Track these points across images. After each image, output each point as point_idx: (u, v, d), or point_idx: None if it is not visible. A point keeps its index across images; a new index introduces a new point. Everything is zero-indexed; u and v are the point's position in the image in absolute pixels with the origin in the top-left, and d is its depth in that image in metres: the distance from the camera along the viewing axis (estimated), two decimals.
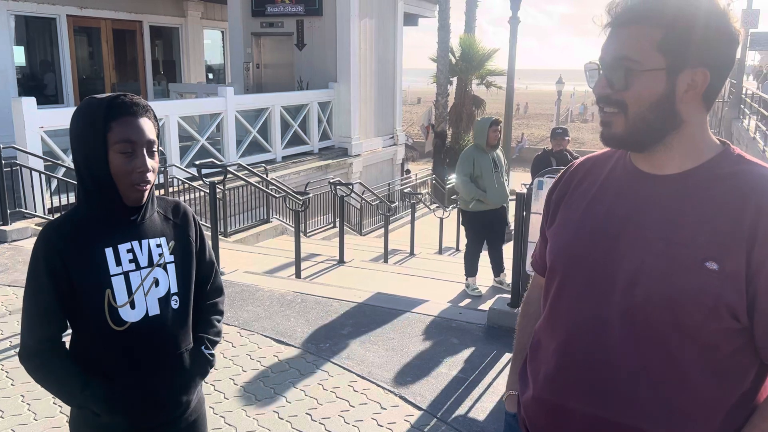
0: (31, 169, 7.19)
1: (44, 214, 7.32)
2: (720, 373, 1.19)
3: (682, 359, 1.18)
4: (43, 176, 7.40)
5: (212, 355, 1.75)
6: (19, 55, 12.66)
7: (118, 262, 1.55)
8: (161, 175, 8.37)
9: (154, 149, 1.56)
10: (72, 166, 7.79)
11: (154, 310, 1.59)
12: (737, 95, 19.11)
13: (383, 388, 3.69)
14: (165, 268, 1.62)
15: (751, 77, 25.24)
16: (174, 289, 1.64)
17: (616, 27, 1.21)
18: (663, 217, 1.21)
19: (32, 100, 7.50)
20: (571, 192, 1.41)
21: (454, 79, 20.76)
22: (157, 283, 1.60)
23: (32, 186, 7.21)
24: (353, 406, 3.49)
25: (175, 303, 1.63)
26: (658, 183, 1.25)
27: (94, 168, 1.52)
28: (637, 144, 1.25)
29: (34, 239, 6.71)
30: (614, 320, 1.23)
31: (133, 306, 1.56)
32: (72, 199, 7.57)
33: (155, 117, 1.60)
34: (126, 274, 1.56)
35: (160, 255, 1.62)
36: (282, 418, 3.35)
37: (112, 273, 1.54)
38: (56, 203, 7.53)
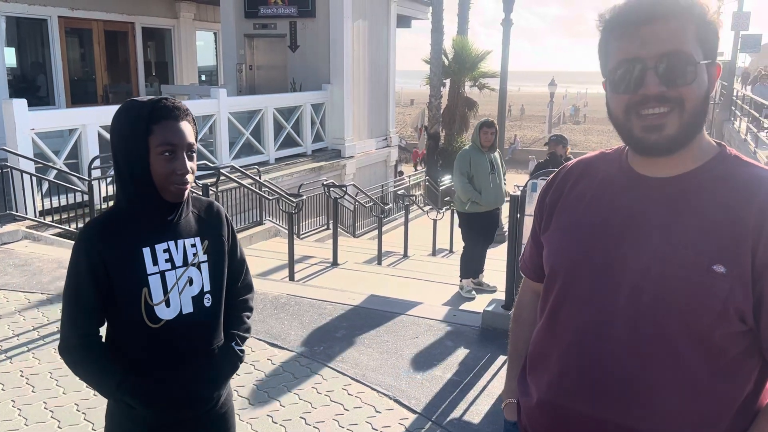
0: (21, 172, 7.13)
1: (35, 217, 7.26)
2: (727, 376, 1.18)
3: (690, 363, 1.17)
4: (34, 179, 7.34)
5: (242, 351, 1.80)
6: (10, 57, 12.57)
7: (155, 262, 1.60)
8: None
9: (194, 151, 1.62)
10: (63, 168, 7.81)
11: (188, 308, 1.64)
12: (728, 97, 19.22)
13: (378, 391, 3.68)
14: (199, 267, 1.67)
15: (739, 80, 25.38)
16: (207, 287, 1.68)
17: (653, 23, 1.16)
18: (666, 220, 1.20)
19: (23, 102, 7.44)
20: (566, 195, 1.38)
21: (447, 81, 20.77)
22: (191, 282, 1.66)
23: (23, 188, 7.16)
24: (348, 410, 3.47)
25: (207, 301, 1.68)
26: (658, 186, 1.23)
27: (135, 169, 1.57)
28: (681, 144, 1.19)
29: (25, 242, 6.67)
30: (620, 325, 1.21)
31: (168, 304, 1.61)
32: (63, 201, 7.53)
33: (194, 120, 1.65)
34: (162, 274, 1.61)
35: (195, 255, 1.67)
36: (276, 423, 3.33)
37: (149, 272, 1.59)
38: (47, 206, 7.48)
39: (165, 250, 1.62)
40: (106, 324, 1.66)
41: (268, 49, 13.93)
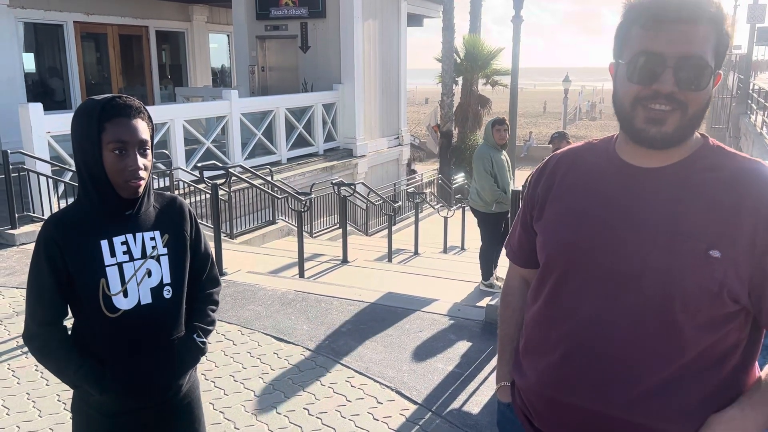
0: (38, 174, 7.30)
1: None
2: (721, 357, 1.24)
3: (692, 348, 1.22)
4: (50, 180, 7.50)
5: (204, 342, 1.84)
6: (28, 62, 12.84)
7: (113, 254, 1.67)
8: (167, 178, 8.48)
9: (147, 148, 1.66)
10: None
11: (147, 299, 1.70)
12: (745, 91, 19.00)
13: (380, 383, 3.75)
14: (158, 260, 1.73)
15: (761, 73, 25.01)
16: (167, 279, 1.74)
17: (681, 23, 1.18)
18: (662, 209, 1.24)
19: (39, 105, 7.61)
20: (558, 184, 1.41)
21: (460, 79, 20.77)
22: (149, 273, 1.71)
23: (39, 190, 7.32)
24: (350, 401, 3.55)
25: (167, 293, 1.74)
26: (649, 176, 1.28)
27: (91, 166, 1.64)
28: (676, 142, 1.24)
29: None
30: (622, 314, 1.25)
31: (126, 295, 1.67)
32: None
33: (149, 118, 1.70)
34: (120, 265, 1.67)
35: (154, 247, 1.73)
36: (279, 413, 3.42)
37: (106, 264, 1.65)
38: (63, 207, 7.63)
39: (123, 243, 1.68)
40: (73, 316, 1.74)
41: (280, 50, 14.06)
